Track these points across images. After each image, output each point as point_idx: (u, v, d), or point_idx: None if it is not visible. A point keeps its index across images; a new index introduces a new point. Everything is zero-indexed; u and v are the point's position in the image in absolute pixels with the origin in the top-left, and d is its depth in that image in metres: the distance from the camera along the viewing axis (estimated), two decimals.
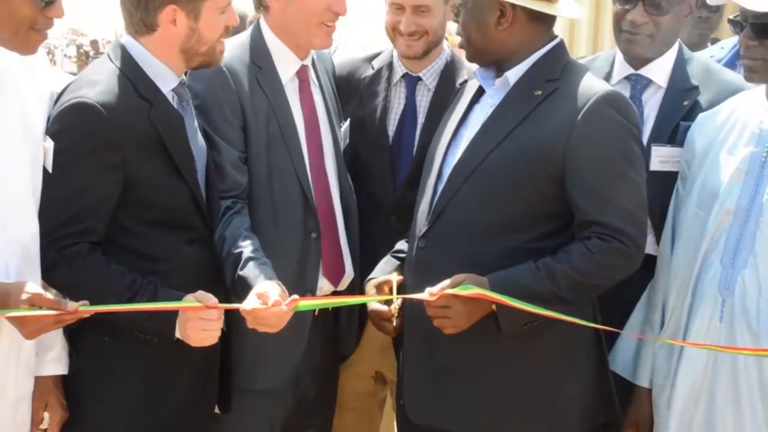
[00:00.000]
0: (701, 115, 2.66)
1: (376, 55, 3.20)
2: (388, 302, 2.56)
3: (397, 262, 2.72)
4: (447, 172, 2.56)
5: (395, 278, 2.56)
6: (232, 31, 2.66)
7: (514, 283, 2.35)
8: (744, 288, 2.38)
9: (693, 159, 2.58)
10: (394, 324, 2.55)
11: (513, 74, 2.51)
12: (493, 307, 2.35)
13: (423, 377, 2.58)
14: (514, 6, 2.44)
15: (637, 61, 2.80)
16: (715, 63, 3.08)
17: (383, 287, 2.59)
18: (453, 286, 2.33)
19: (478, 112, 2.59)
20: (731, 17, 2.52)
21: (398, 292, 2.52)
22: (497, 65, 2.55)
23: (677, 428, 2.50)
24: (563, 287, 2.36)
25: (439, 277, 2.37)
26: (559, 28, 2.76)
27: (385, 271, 2.70)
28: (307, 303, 2.53)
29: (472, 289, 2.30)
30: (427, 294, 2.34)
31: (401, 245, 2.77)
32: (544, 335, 2.43)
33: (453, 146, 2.59)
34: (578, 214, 2.41)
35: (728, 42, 3.24)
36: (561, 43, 2.56)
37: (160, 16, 2.46)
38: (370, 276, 2.72)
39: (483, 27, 2.50)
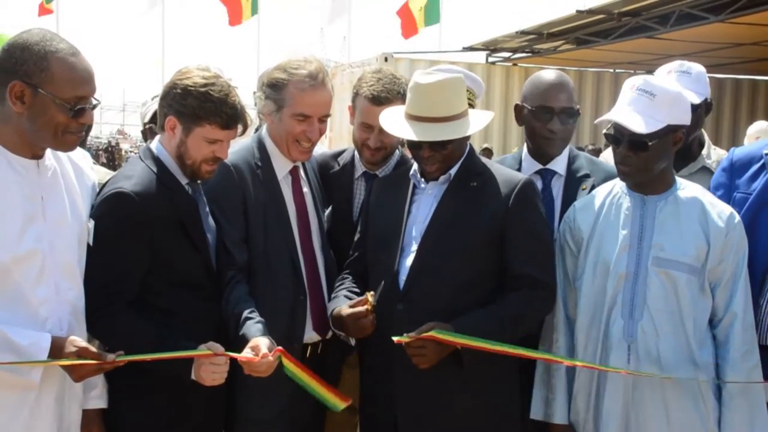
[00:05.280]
0: (579, 202, 3.21)
1: (341, 153, 3.69)
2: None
3: (347, 300, 3.08)
4: (409, 249, 3.03)
5: (369, 293, 2.98)
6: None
7: (472, 327, 2.85)
8: (644, 334, 2.90)
9: (581, 238, 3.08)
10: (371, 319, 2.94)
11: (453, 171, 3.09)
12: (458, 346, 2.85)
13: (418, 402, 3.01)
14: None
15: (544, 158, 3.42)
16: (593, 156, 3.67)
17: (358, 305, 2.98)
18: (426, 332, 2.81)
19: (423, 202, 3.10)
20: (605, 131, 2.97)
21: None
22: None
23: None
24: (506, 326, 2.90)
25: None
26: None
27: (341, 304, 3.07)
28: (292, 367, 2.88)
29: (445, 334, 2.79)
30: (406, 336, 2.81)
31: (344, 292, 3.15)
32: (488, 363, 2.92)
33: (407, 230, 3.08)
34: (511, 269, 2.97)
35: None
36: (471, 146, 3.18)
37: (165, 121, 2.99)
38: (331, 307, 3.11)
39: (461, 148, 3.10)
